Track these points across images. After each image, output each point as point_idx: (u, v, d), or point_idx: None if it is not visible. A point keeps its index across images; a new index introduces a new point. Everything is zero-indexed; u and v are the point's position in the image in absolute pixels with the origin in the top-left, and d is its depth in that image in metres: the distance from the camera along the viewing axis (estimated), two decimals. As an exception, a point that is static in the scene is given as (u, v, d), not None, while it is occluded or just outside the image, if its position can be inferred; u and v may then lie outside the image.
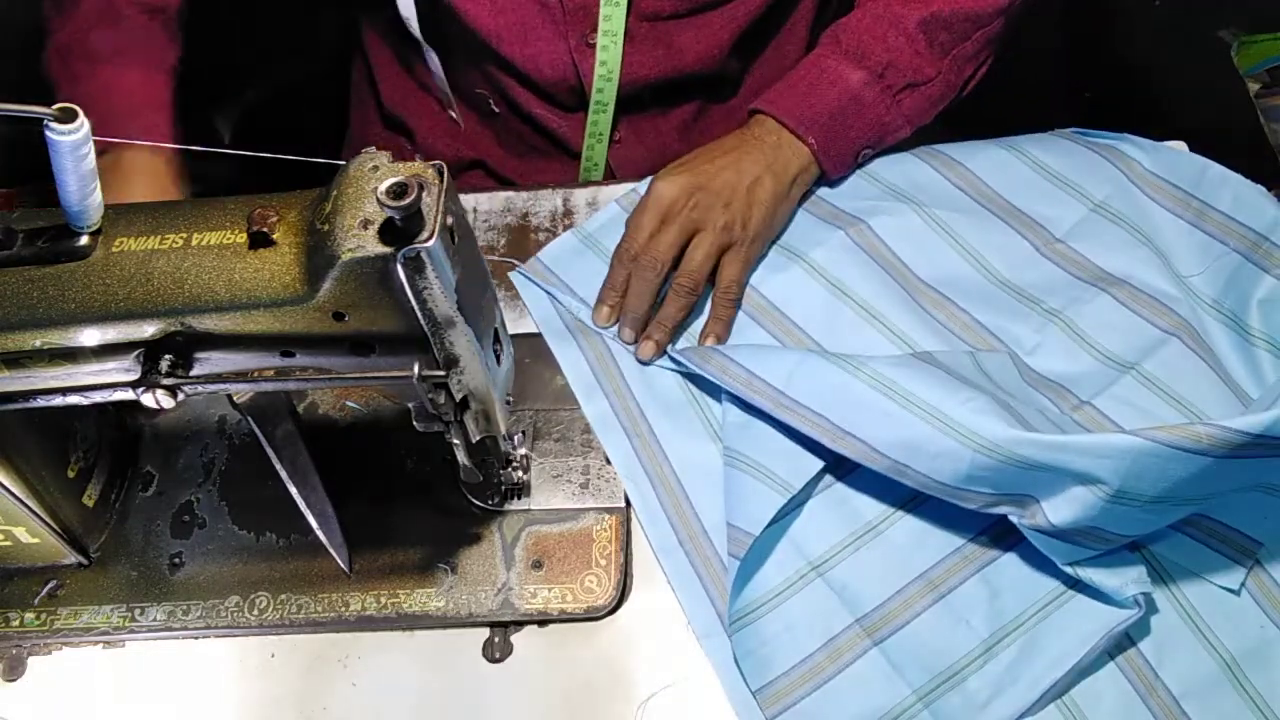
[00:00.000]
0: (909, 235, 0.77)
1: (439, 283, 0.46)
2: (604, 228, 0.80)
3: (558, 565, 0.64)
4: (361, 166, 0.47)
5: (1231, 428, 0.52)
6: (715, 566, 0.64)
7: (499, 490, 0.67)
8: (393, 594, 0.64)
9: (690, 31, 0.84)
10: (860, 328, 0.73)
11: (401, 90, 0.96)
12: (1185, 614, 0.61)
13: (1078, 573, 0.60)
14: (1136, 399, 0.68)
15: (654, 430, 0.69)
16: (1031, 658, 0.59)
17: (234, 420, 0.71)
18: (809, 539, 0.65)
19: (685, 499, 0.66)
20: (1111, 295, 0.73)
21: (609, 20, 0.81)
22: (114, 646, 0.64)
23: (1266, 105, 0.99)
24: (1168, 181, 0.78)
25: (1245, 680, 0.58)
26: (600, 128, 0.89)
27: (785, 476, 0.64)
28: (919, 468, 0.59)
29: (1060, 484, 0.57)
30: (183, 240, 0.48)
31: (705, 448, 0.68)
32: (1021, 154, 0.81)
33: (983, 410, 0.58)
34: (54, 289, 0.48)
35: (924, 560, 0.63)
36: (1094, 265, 0.75)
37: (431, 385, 0.52)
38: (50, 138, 0.44)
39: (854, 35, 0.79)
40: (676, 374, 0.72)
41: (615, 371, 0.73)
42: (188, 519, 0.68)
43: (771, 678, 0.60)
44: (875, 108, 0.78)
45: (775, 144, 0.77)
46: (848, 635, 0.61)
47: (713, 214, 0.73)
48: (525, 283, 0.78)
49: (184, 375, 0.50)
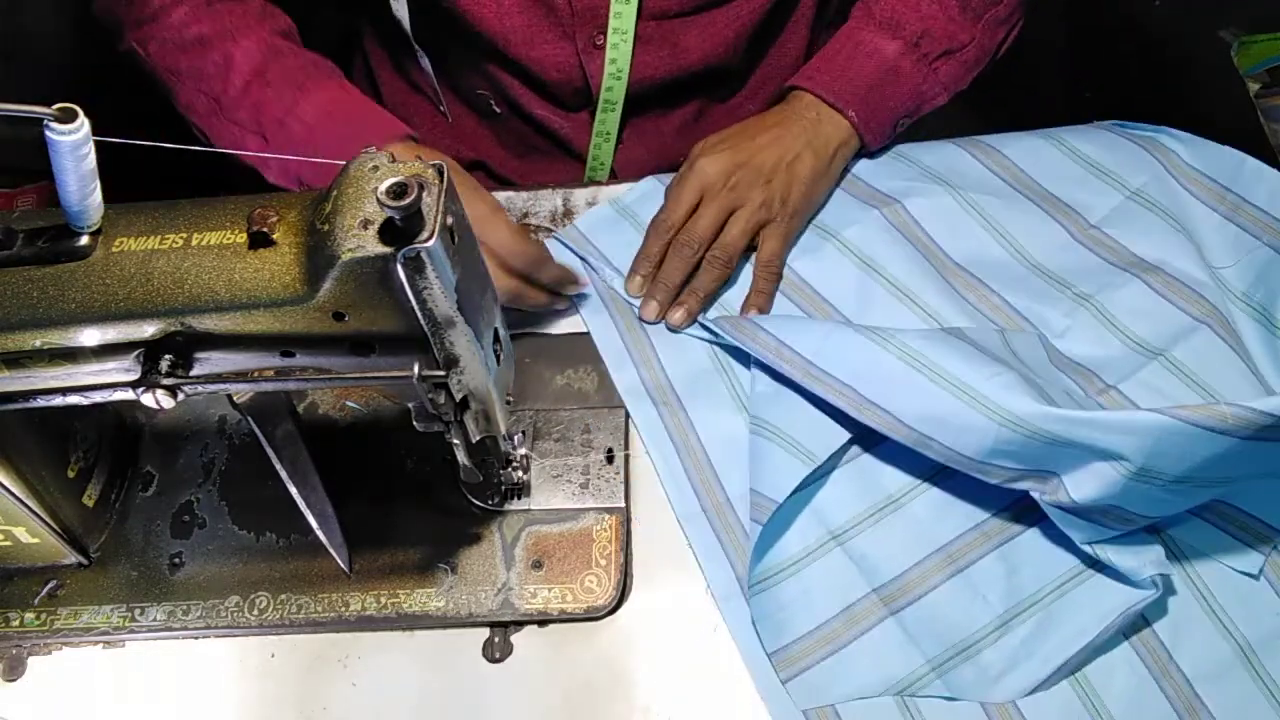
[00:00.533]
0: (943, 216, 0.78)
1: (439, 283, 0.46)
2: (641, 200, 0.81)
3: (558, 565, 0.64)
4: (361, 166, 0.47)
5: (1257, 409, 0.52)
6: (737, 534, 0.65)
7: (499, 490, 0.67)
8: (393, 594, 0.64)
9: (695, 30, 0.84)
10: (892, 306, 0.74)
11: (401, 91, 0.96)
12: (1202, 598, 0.61)
13: (1096, 552, 0.60)
14: (1163, 385, 0.69)
15: (681, 400, 0.71)
16: (1047, 634, 0.60)
17: (234, 420, 0.71)
18: (830, 509, 0.66)
19: (710, 467, 0.68)
20: (1144, 281, 0.73)
21: (619, 18, 0.81)
22: (114, 646, 0.64)
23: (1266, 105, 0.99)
24: (1204, 174, 0.78)
25: (1260, 666, 0.59)
26: (608, 126, 0.89)
27: (811, 447, 0.65)
28: (944, 440, 0.60)
29: (1083, 460, 0.57)
30: (183, 240, 0.48)
31: (732, 418, 0.70)
32: (1059, 143, 0.82)
33: (1009, 385, 0.59)
34: (54, 289, 0.48)
35: (944, 534, 0.64)
36: (1127, 251, 0.76)
37: (431, 385, 0.52)
38: (50, 138, 0.44)
39: (887, 5, 0.80)
40: (706, 345, 0.73)
41: (645, 341, 0.74)
42: (188, 519, 0.68)
43: (787, 641, 0.61)
44: (912, 77, 0.79)
45: (815, 119, 0.78)
46: (865, 604, 0.62)
47: (753, 191, 0.75)
48: (561, 250, 0.79)
49: (184, 375, 0.50)
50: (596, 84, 0.85)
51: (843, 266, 0.76)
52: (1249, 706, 0.58)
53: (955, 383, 0.59)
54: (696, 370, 0.72)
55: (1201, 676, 0.59)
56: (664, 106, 0.91)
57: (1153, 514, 0.60)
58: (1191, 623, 0.61)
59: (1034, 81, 1.22)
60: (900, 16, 0.79)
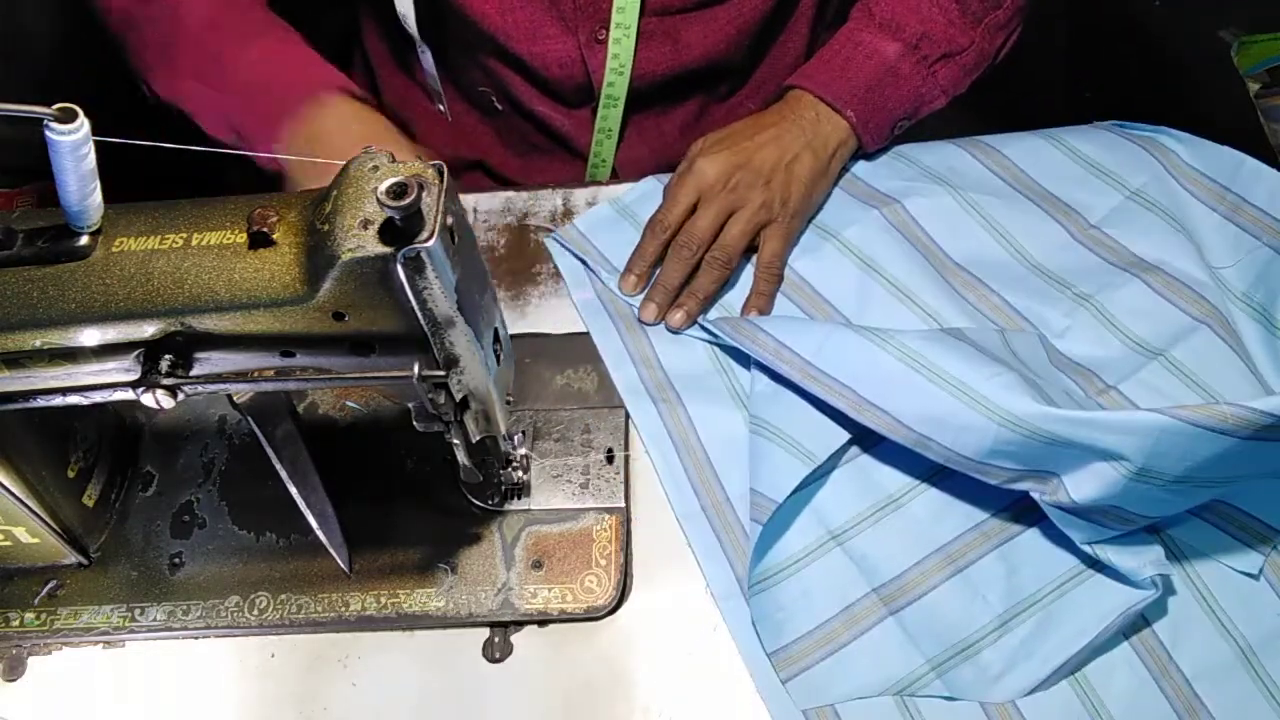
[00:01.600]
0: (942, 216, 0.78)
1: (439, 283, 0.46)
2: (641, 199, 0.81)
3: (558, 565, 0.64)
4: (361, 166, 0.47)
5: (1257, 409, 0.53)
6: (736, 533, 0.65)
7: (499, 490, 0.67)
8: (393, 594, 0.64)
9: (698, 26, 0.84)
10: (891, 306, 0.74)
11: (401, 89, 0.96)
12: (1202, 598, 0.61)
13: (1096, 552, 0.60)
14: (1163, 385, 0.69)
15: (681, 398, 0.71)
16: (1047, 633, 0.60)
17: (234, 420, 0.71)
18: (830, 509, 0.66)
19: (709, 466, 0.68)
20: (1143, 281, 0.73)
21: (622, 13, 0.81)
22: (114, 646, 0.64)
23: (1266, 105, 0.99)
24: (1204, 174, 0.78)
25: (1260, 666, 0.59)
26: (610, 123, 0.89)
27: (810, 447, 0.65)
28: (943, 441, 0.60)
29: (1083, 460, 0.57)
30: (183, 240, 0.48)
31: (731, 416, 0.70)
32: (1059, 143, 0.82)
33: (1009, 385, 0.59)
34: (54, 289, 0.48)
35: (943, 534, 0.64)
36: (1127, 251, 0.76)
37: (431, 385, 0.52)
38: (50, 138, 0.44)
39: (887, 7, 0.80)
40: (705, 344, 0.74)
41: (644, 340, 0.74)
42: (188, 519, 0.68)
43: (787, 641, 0.61)
44: (911, 79, 0.79)
45: (814, 119, 0.78)
46: (864, 604, 0.62)
47: (752, 192, 0.75)
48: (560, 251, 0.79)
49: (184, 375, 0.50)
50: (598, 80, 0.85)
51: (843, 266, 0.76)
52: (1249, 706, 0.58)
53: (954, 383, 0.59)
54: (696, 369, 0.72)
55: (1201, 676, 0.59)
56: (666, 104, 0.91)
57: (1153, 514, 0.60)
58: (1191, 622, 0.61)
59: (1034, 82, 1.22)
60: (900, 18, 0.79)
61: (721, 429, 0.69)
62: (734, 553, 0.64)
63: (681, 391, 0.71)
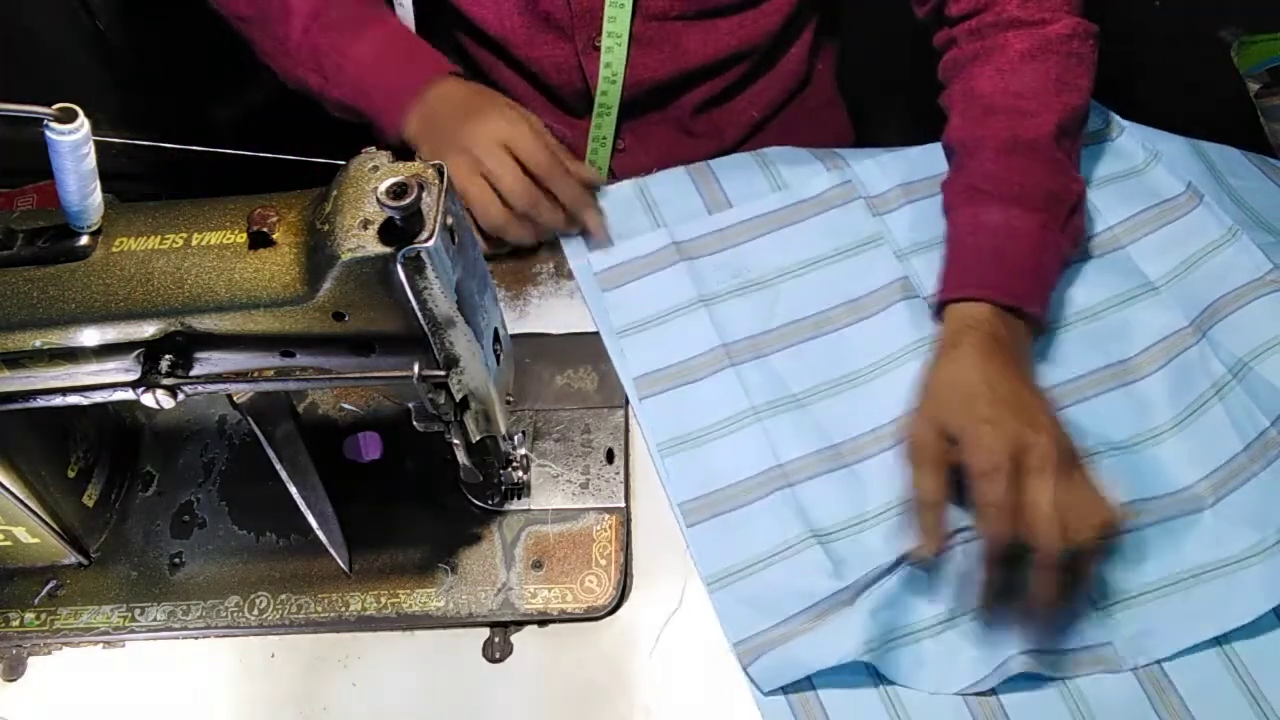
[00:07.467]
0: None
1: (439, 283, 0.46)
2: (668, 196, 0.81)
3: (558, 565, 0.64)
4: (361, 166, 0.47)
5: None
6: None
7: (499, 490, 0.67)
8: (393, 594, 0.64)
9: (698, 34, 0.84)
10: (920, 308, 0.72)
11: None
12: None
13: None
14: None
15: (681, 390, 0.71)
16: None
17: (234, 420, 0.71)
18: (815, 512, 0.65)
19: (709, 461, 0.68)
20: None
21: (613, 22, 0.81)
22: (114, 646, 0.64)
23: (1266, 105, 0.99)
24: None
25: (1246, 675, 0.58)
26: (604, 131, 0.88)
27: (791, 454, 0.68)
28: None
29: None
30: (183, 240, 0.49)
31: (733, 411, 0.69)
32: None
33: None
34: (54, 289, 0.48)
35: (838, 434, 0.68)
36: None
37: (431, 385, 0.52)
38: (50, 138, 0.44)
39: (997, 180, 0.70)
40: (707, 334, 0.72)
41: (646, 329, 0.74)
42: (188, 519, 0.68)
43: (748, 635, 0.61)
44: (1060, 244, 0.70)
45: (1011, 338, 0.66)
46: (831, 601, 0.61)
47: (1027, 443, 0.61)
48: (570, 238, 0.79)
49: (184, 375, 0.50)
50: (595, 87, 0.85)
51: (885, 259, 0.75)
52: (1217, 687, 0.58)
53: None
54: (698, 360, 0.72)
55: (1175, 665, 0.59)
56: (664, 110, 0.91)
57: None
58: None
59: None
60: (1027, 191, 0.69)
61: (722, 421, 0.69)
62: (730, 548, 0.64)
63: (683, 382, 0.71)
